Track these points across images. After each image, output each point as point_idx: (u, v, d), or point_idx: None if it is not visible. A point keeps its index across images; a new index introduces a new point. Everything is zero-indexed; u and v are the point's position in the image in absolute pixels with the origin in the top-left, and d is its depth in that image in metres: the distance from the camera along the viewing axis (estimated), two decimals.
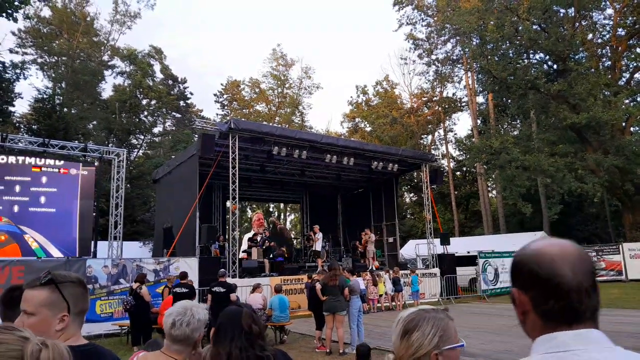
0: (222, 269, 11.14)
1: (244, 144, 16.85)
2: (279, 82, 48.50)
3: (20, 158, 15.45)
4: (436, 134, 48.61)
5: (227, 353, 2.06)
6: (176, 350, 2.21)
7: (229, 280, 12.66)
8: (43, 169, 15.46)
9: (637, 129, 27.38)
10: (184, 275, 10.60)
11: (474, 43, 26.57)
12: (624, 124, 24.93)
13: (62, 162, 16.25)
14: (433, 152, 43.09)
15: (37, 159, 15.70)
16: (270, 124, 38.45)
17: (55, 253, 15.23)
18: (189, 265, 13.66)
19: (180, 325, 2.20)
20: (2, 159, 15.11)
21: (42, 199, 15.57)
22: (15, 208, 15.16)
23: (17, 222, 15.15)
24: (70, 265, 12.38)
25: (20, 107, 48.61)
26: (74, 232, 16.03)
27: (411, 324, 1.44)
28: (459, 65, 36.08)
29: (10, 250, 14.78)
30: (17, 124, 32.37)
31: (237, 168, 15.66)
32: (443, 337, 1.40)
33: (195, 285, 12.83)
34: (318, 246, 18.65)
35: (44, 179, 15.61)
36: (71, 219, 16.11)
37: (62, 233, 15.90)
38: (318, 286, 9.78)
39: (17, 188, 15.19)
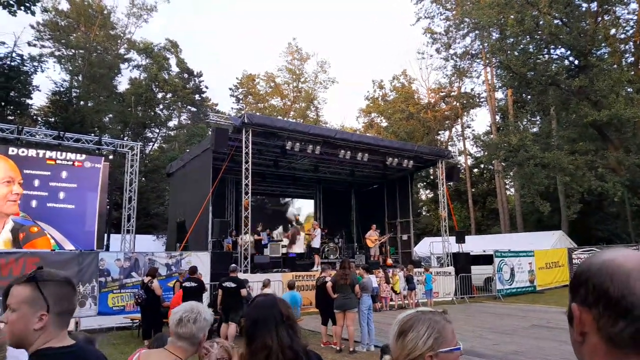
0: (233, 264, 11.06)
1: (257, 138, 16.75)
2: (294, 76, 48.37)
3: (40, 151, 15.60)
4: (454, 130, 48.08)
5: (273, 345, 1.88)
6: (180, 348, 2.22)
7: (241, 275, 12.62)
8: (57, 161, 15.58)
9: None
10: (193, 269, 10.55)
11: (494, 37, 26.08)
12: None
13: (83, 156, 16.39)
14: (450, 148, 42.59)
15: (57, 153, 15.86)
16: (285, 119, 38.45)
17: (72, 249, 15.35)
18: (201, 260, 13.63)
19: (188, 322, 2.21)
20: (22, 152, 15.26)
21: (61, 195, 15.75)
22: (34, 203, 15.33)
23: (35, 217, 15.31)
24: (83, 258, 12.42)
25: (38, 100, 49.32)
26: (91, 225, 16.17)
27: (407, 325, 1.45)
28: (477, 60, 35.45)
29: (42, 242, 15.04)
30: (35, 117, 32.75)
31: (250, 163, 15.57)
32: (438, 339, 1.40)
33: (207, 279, 12.82)
34: (316, 243, 18.41)
35: (63, 174, 15.77)
36: (88, 213, 16.26)
37: (79, 227, 16.07)
38: (329, 284, 9.64)
39: (37, 182, 15.36)
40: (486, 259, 20.45)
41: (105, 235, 16.37)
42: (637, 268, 0.86)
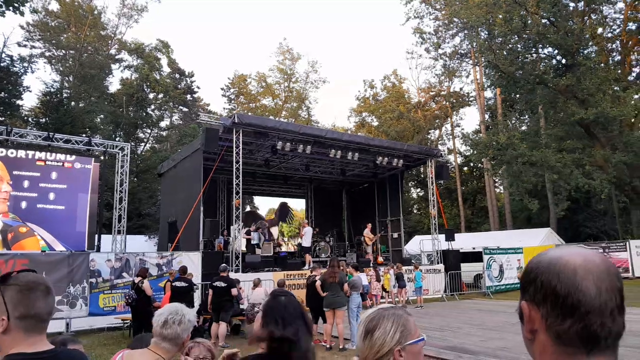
0: (223, 264, 11.14)
1: (248, 138, 16.84)
2: (285, 76, 48.42)
3: (30, 152, 15.56)
4: (443, 128, 48.41)
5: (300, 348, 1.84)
6: (164, 348, 2.24)
7: (232, 275, 12.71)
8: (47, 162, 15.57)
9: None
10: (184, 269, 10.64)
11: (482, 37, 26.32)
12: (632, 119, 24.63)
13: (73, 157, 16.38)
14: (440, 147, 42.90)
15: (47, 154, 15.83)
16: (276, 119, 38.49)
17: (62, 250, 15.33)
18: (192, 260, 13.70)
19: (173, 324, 2.24)
20: (12, 153, 15.22)
21: (51, 196, 15.71)
22: (23, 204, 15.29)
23: (25, 218, 15.29)
24: (73, 259, 12.44)
25: (29, 101, 49.01)
26: (81, 226, 16.16)
27: (372, 324, 1.47)
28: (467, 60, 35.76)
29: (31, 243, 15.02)
30: (26, 117, 32.58)
31: (240, 162, 15.65)
32: (404, 333, 1.44)
33: (198, 279, 12.89)
34: (306, 242, 18.43)
35: (53, 175, 15.73)
36: (78, 214, 16.24)
37: (70, 228, 16.04)
38: (318, 282, 9.77)
39: (26, 184, 15.32)
40: (476, 256, 20.67)
41: (96, 235, 16.35)
42: (583, 266, 0.87)
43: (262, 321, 1.91)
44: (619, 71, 25.28)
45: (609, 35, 27.41)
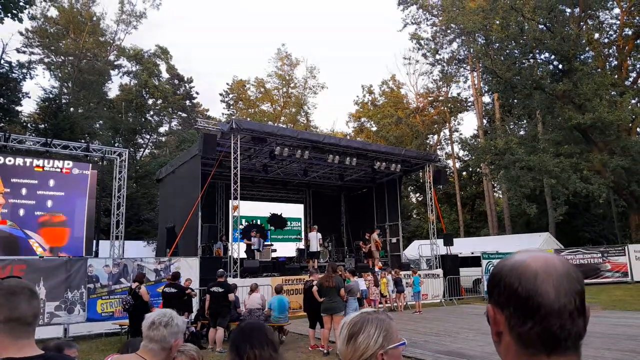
0: (221, 269, 11.16)
1: (246, 144, 16.89)
2: (283, 82, 48.53)
3: (27, 159, 15.53)
4: (442, 134, 48.46)
5: None
6: (152, 351, 2.22)
7: (230, 280, 12.70)
8: (45, 168, 15.58)
9: None
10: (176, 275, 10.65)
11: (479, 43, 26.42)
12: (630, 124, 24.68)
13: (71, 163, 16.38)
14: (439, 152, 42.95)
15: (45, 160, 15.81)
16: (275, 124, 38.54)
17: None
18: (190, 265, 13.71)
19: (159, 325, 2.23)
20: (9, 161, 15.17)
21: (49, 203, 15.68)
22: (21, 212, 15.27)
23: (23, 226, 15.26)
24: (71, 264, 12.44)
25: (28, 107, 49.06)
26: (79, 232, 16.14)
27: (355, 328, 1.48)
28: (464, 65, 35.89)
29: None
30: (25, 124, 32.59)
31: (238, 168, 15.69)
32: (387, 337, 1.45)
33: (196, 285, 12.88)
34: (312, 247, 18.50)
35: (51, 182, 15.70)
36: (76, 220, 16.23)
37: (68, 235, 16.03)
38: (315, 288, 9.77)
39: (24, 191, 15.29)
40: (474, 261, 20.68)
41: (94, 241, 16.34)
42: (544, 269, 0.90)
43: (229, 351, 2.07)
44: (616, 76, 25.34)
45: (606, 40, 27.54)
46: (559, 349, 0.88)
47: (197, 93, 48.02)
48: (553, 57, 25.42)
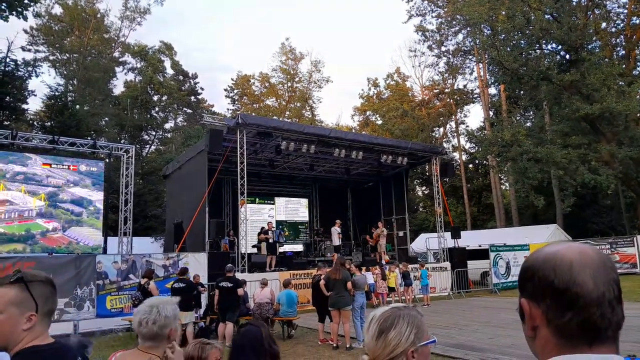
0: (230, 264, 11.15)
1: (252, 139, 16.87)
2: (288, 76, 48.44)
3: (35, 156, 15.62)
4: (448, 126, 48.25)
5: None
6: (150, 347, 2.23)
7: (238, 275, 12.73)
8: (52, 166, 15.63)
9: None
10: (183, 271, 10.67)
11: (485, 34, 26.21)
12: (638, 114, 24.44)
13: (78, 159, 16.43)
14: (445, 144, 42.81)
15: (52, 157, 15.89)
16: (280, 119, 38.51)
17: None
18: (198, 261, 13.75)
19: (147, 324, 2.21)
20: (17, 158, 15.27)
21: (62, 196, 15.78)
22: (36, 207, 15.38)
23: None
24: (80, 261, 12.50)
25: (34, 105, 49.23)
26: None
27: (386, 323, 1.44)
28: (470, 57, 35.66)
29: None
30: (31, 121, 32.73)
31: (245, 163, 15.69)
32: (418, 334, 1.42)
33: (204, 280, 12.90)
34: (335, 241, 18.53)
35: (59, 180, 15.77)
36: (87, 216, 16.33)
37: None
38: (322, 282, 9.77)
39: (35, 187, 15.38)
40: (482, 254, 20.62)
41: (103, 238, 16.42)
42: (579, 259, 0.89)
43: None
44: (624, 66, 25.07)
45: (613, 30, 27.26)
46: (600, 339, 0.87)
47: (202, 89, 48.17)
48: (560, 47, 25.20)
